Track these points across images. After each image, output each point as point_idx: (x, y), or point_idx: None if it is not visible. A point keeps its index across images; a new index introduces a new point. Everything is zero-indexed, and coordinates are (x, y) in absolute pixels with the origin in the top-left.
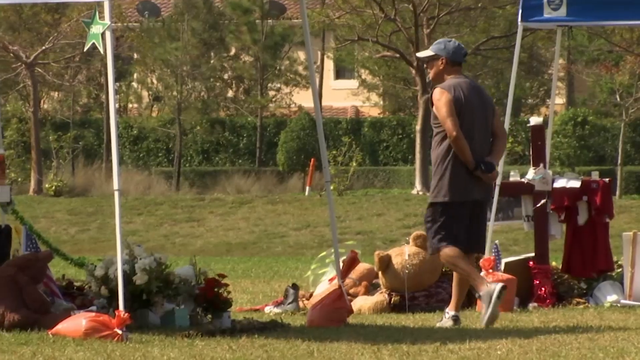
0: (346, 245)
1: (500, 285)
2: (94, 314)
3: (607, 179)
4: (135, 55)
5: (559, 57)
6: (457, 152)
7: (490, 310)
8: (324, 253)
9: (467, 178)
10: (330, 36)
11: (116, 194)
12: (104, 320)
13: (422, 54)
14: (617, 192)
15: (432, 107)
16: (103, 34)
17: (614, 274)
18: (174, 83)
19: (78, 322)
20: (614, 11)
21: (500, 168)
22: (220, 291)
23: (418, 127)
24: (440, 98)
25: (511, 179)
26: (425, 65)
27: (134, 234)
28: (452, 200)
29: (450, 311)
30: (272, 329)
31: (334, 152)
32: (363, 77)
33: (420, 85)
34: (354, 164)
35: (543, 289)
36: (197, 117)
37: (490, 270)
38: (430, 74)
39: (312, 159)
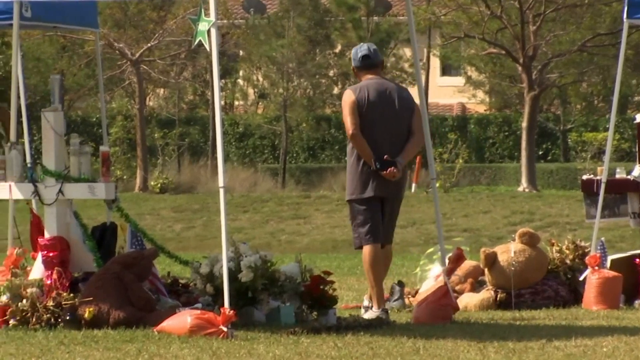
0: (454, 242)
1: (384, 316)
2: (199, 311)
3: None
4: (241, 53)
5: None
6: (356, 149)
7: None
8: (431, 249)
9: (368, 175)
10: (436, 33)
11: (221, 191)
12: (209, 318)
13: None
14: None
15: None
16: (209, 31)
17: None
18: (279, 80)
19: (183, 319)
20: None
21: (605, 165)
22: (326, 288)
23: (524, 124)
24: (344, 98)
25: (617, 176)
26: None
27: (239, 232)
28: (354, 197)
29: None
30: (378, 326)
31: (440, 149)
32: (469, 74)
33: (527, 83)
34: (460, 161)
35: None
36: (302, 114)
37: (597, 268)
38: None
39: (418, 156)
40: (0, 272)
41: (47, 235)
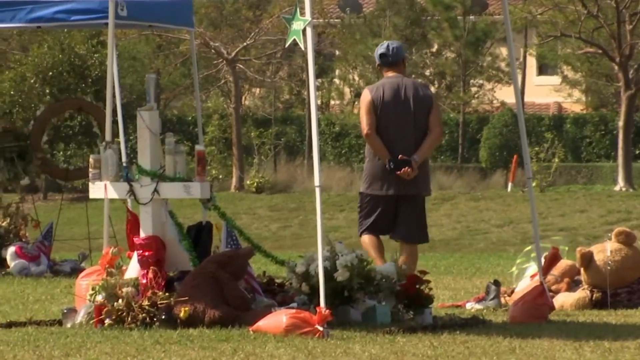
0: (553, 241)
1: None
2: (294, 310)
3: None
4: (337, 52)
5: None
6: (371, 148)
7: None
8: (529, 247)
9: (384, 173)
10: (533, 32)
11: (317, 190)
12: (305, 317)
13: None
14: None
15: None
16: (304, 30)
17: None
18: (375, 79)
19: (279, 318)
20: None
21: None
22: (422, 287)
23: (621, 123)
24: (361, 97)
25: None
26: None
27: (335, 231)
28: (367, 192)
29: None
30: (474, 325)
31: (537, 148)
32: (565, 73)
33: (623, 82)
34: (557, 160)
35: None
36: None
37: None
38: None
39: (515, 156)
40: (96, 271)
41: (142, 234)
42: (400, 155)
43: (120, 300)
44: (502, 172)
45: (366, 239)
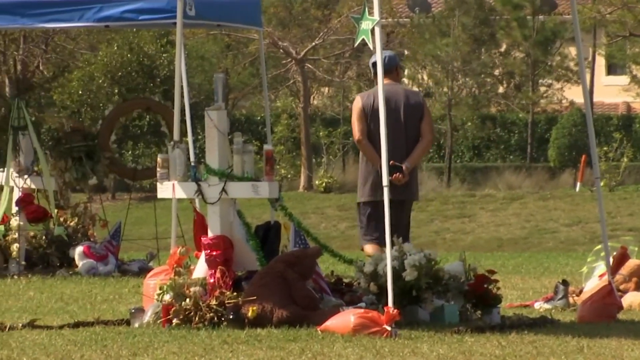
0: (622, 241)
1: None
2: (362, 310)
3: None
4: (406, 52)
5: None
6: (363, 154)
7: None
8: (599, 247)
9: (376, 179)
10: (602, 32)
11: (385, 190)
12: (373, 317)
13: None
14: None
15: None
16: (372, 30)
17: None
18: (444, 79)
19: (347, 318)
20: None
21: None
22: (490, 287)
23: None
24: (353, 104)
25: None
26: None
27: None
28: (362, 200)
29: None
30: (542, 325)
31: (605, 148)
32: (634, 73)
33: None
34: (626, 159)
35: None
36: (467, 113)
37: None
38: None
39: (583, 155)
40: (164, 271)
41: (210, 234)
42: (391, 162)
43: (187, 300)
44: (571, 171)
45: (368, 250)
